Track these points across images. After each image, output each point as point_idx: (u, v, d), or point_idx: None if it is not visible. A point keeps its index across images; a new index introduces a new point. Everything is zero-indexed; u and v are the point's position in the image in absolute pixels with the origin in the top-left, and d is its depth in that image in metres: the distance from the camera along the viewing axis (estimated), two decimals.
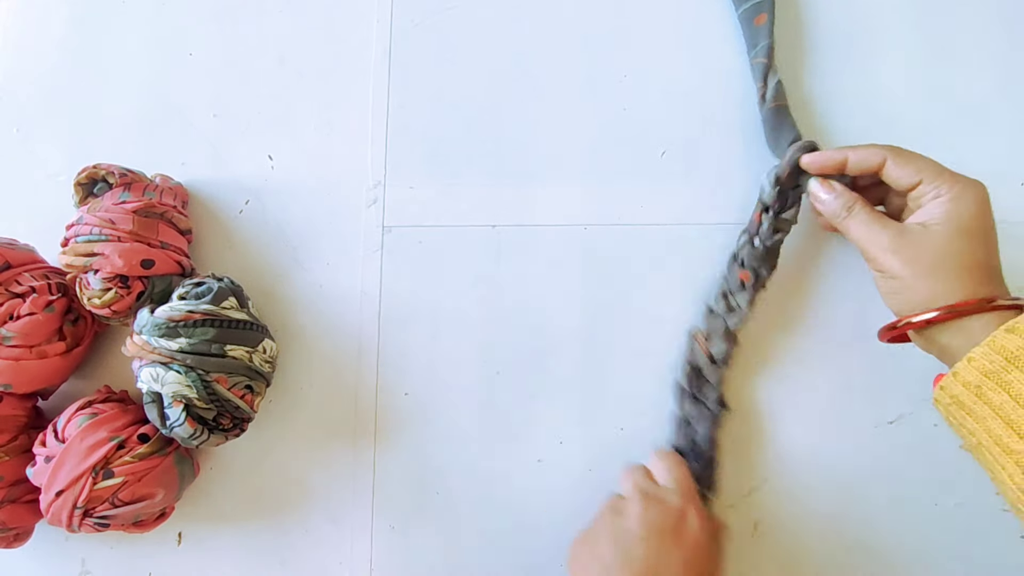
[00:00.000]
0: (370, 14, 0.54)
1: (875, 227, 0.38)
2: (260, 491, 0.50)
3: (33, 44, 0.57)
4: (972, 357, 0.33)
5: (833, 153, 0.41)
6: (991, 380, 0.32)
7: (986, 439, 0.32)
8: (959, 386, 0.33)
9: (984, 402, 0.32)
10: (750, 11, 0.47)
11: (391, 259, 0.51)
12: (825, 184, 0.42)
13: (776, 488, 0.47)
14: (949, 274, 0.36)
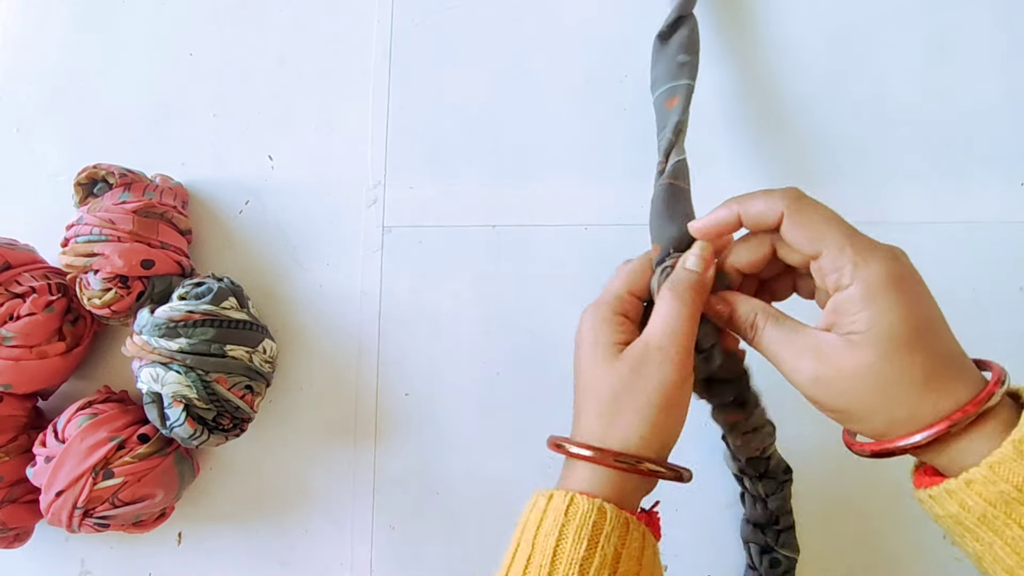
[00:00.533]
0: (370, 14, 0.54)
1: (790, 351, 0.30)
2: (260, 491, 0.50)
3: (33, 44, 0.57)
4: (971, 480, 0.26)
5: (722, 212, 0.32)
6: (998, 510, 0.26)
7: (990, 561, 0.27)
8: (956, 506, 0.27)
9: (991, 529, 0.26)
10: (664, 95, 0.42)
11: (391, 259, 0.51)
12: (718, 298, 0.33)
13: None
14: (900, 398, 0.28)
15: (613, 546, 0.29)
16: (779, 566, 0.44)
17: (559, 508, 0.29)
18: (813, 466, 0.48)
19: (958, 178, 0.49)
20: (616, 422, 0.31)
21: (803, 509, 0.46)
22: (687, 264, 0.33)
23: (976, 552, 0.28)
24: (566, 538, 0.29)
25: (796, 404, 0.34)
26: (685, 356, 0.31)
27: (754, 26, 0.52)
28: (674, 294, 0.32)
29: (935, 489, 0.28)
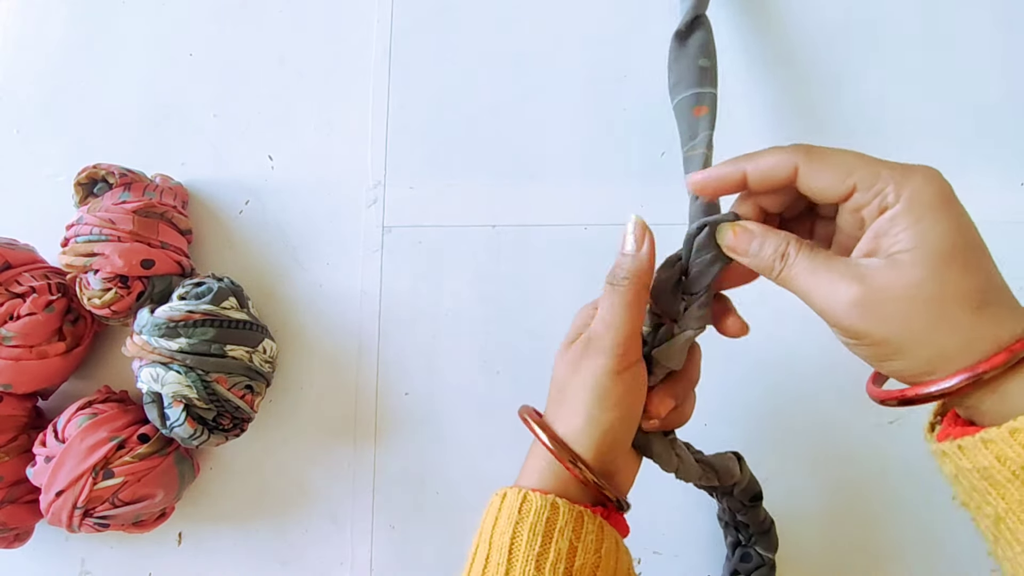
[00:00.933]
0: (370, 14, 0.54)
1: (826, 277, 0.27)
2: (260, 491, 0.50)
3: (33, 44, 0.57)
4: (1017, 429, 0.24)
5: (725, 168, 0.30)
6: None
7: (1013, 521, 0.25)
8: (991, 457, 0.25)
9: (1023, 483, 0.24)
10: (689, 100, 0.41)
11: (391, 259, 0.51)
12: (740, 229, 0.30)
13: (775, 488, 0.47)
14: (953, 321, 0.25)
15: (568, 540, 0.29)
16: (750, 560, 0.44)
17: (513, 506, 0.30)
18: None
19: (957, 178, 0.48)
20: (560, 410, 0.32)
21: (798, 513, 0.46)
22: (624, 247, 0.32)
23: (997, 513, 0.26)
24: (520, 535, 0.29)
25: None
26: (622, 347, 0.31)
27: (752, 26, 0.52)
28: (610, 285, 0.32)
29: (968, 439, 0.25)
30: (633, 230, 0.32)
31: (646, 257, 0.32)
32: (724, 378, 0.48)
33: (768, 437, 0.48)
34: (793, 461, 0.47)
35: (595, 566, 0.29)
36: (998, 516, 0.26)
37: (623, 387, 0.31)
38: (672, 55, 0.43)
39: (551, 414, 0.33)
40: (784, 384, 0.48)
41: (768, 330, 0.48)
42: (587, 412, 0.31)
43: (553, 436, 0.31)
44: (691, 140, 0.39)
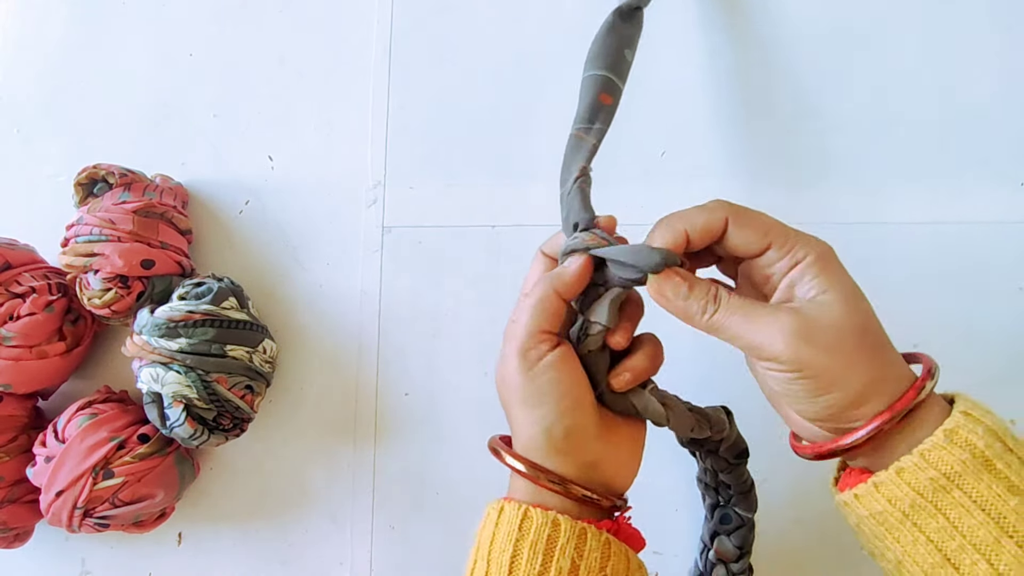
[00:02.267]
0: (370, 14, 0.54)
1: (760, 315, 0.29)
2: (260, 491, 0.50)
3: (33, 44, 0.57)
4: (902, 468, 0.27)
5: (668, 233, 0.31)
6: (925, 499, 0.26)
7: (910, 564, 0.27)
8: (883, 501, 0.27)
9: (914, 524, 0.27)
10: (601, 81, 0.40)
11: (391, 259, 0.51)
12: (666, 279, 0.31)
13: (775, 487, 0.47)
14: (877, 351, 0.28)
15: (569, 559, 0.29)
16: (729, 522, 0.44)
17: (512, 522, 0.29)
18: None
19: (956, 178, 0.49)
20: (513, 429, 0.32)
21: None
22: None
23: (896, 557, 0.28)
24: (521, 553, 0.29)
25: None
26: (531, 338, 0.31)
27: (749, 26, 0.52)
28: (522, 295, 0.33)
29: (863, 487, 0.28)
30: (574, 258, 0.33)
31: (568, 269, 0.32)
32: (724, 378, 0.48)
33: (768, 437, 0.48)
34: (792, 461, 0.47)
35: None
36: (898, 560, 0.28)
37: (550, 375, 0.31)
38: (605, 28, 0.42)
39: (512, 435, 0.32)
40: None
41: None
42: (532, 417, 0.30)
43: (530, 464, 0.30)
44: (588, 123, 0.40)
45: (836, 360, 0.27)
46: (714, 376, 0.48)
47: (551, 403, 0.30)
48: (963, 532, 0.26)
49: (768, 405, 0.48)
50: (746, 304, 0.29)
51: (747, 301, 0.30)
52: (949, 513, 0.26)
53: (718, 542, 0.44)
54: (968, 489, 0.26)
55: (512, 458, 0.31)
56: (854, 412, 0.28)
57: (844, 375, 0.28)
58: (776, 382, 0.29)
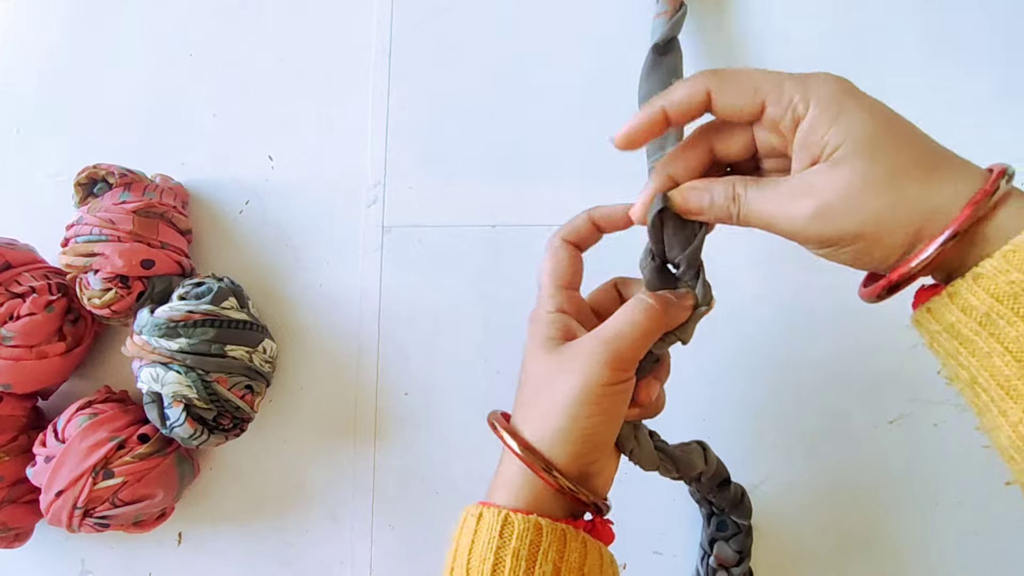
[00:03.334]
0: (370, 14, 0.54)
1: (779, 202, 0.27)
2: (260, 491, 0.50)
3: (33, 44, 0.57)
4: (980, 274, 0.24)
5: (643, 112, 0.30)
6: (1004, 306, 0.24)
7: (985, 378, 0.25)
8: (956, 311, 0.25)
9: (990, 334, 0.24)
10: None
11: (391, 259, 0.51)
12: (686, 189, 0.30)
13: (776, 487, 0.47)
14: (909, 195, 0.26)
15: (552, 562, 0.28)
16: (726, 529, 0.44)
17: (492, 528, 0.28)
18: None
19: None
20: (533, 412, 0.31)
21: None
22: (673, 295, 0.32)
23: (971, 375, 0.26)
24: (503, 562, 0.28)
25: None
26: (625, 360, 0.30)
27: (749, 26, 0.52)
28: (644, 305, 0.30)
29: (936, 299, 0.26)
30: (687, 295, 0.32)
31: (685, 315, 0.32)
32: (724, 378, 0.48)
33: (768, 437, 0.48)
34: (793, 461, 0.47)
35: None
36: (972, 379, 0.26)
37: (614, 399, 0.30)
38: (647, 67, 0.44)
39: (522, 416, 0.31)
40: (784, 384, 0.48)
41: (768, 330, 0.48)
42: (569, 415, 0.29)
43: (524, 444, 0.30)
44: (660, 151, 0.39)
45: (866, 222, 0.26)
46: (715, 373, 0.48)
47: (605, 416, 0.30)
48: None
49: (767, 404, 0.48)
50: (766, 191, 0.28)
51: (767, 187, 0.28)
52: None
53: (717, 548, 0.44)
54: None
55: (510, 436, 0.30)
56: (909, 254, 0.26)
57: (882, 233, 0.26)
58: (820, 254, 0.28)
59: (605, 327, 0.30)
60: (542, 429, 0.30)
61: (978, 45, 0.50)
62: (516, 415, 0.32)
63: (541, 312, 0.33)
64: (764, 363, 0.48)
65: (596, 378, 0.29)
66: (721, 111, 0.29)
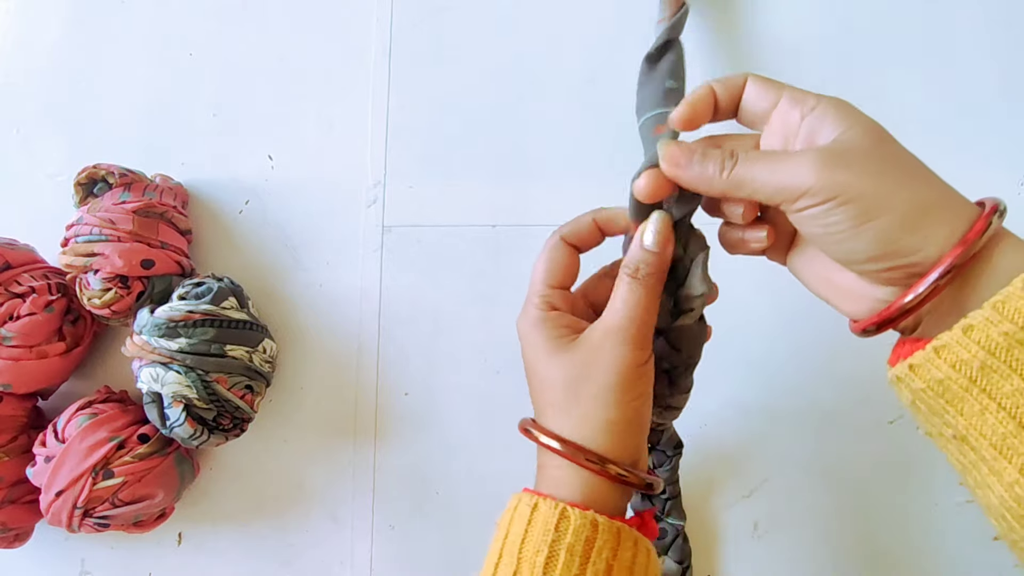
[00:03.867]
0: (370, 14, 0.54)
1: (785, 158, 0.27)
2: (260, 491, 0.50)
3: (33, 44, 0.57)
4: (971, 326, 0.23)
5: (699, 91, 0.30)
6: (998, 359, 0.22)
7: (975, 437, 0.24)
8: (945, 367, 0.24)
9: (982, 390, 0.23)
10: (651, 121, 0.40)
11: (391, 259, 0.51)
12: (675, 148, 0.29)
13: (776, 488, 0.47)
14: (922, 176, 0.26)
15: (605, 560, 0.28)
16: (665, 536, 0.45)
17: (548, 521, 0.28)
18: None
19: (956, 179, 0.49)
20: (575, 412, 0.30)
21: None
22: (645, 243, 0.31)
23: (959, 433, 0.24)
24: (557, 556, 0.28)
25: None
26: (644, 337, 0.30)
27: (749, 26, 0.52)
28: (632, 278, 0.30)
29: (920, 354, 0.25)
30: (659, 228, 0.31)
31: (668, 254, 0.31)
32: (723, 378, 0.48)
33: (768, 437, 0.48)
34: (793, 461, 0.47)
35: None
36: (960, 437, 0.24)
37: (647, 377, 0.31)
38: (641, 78, 0.43)
39: (554, 418, 0.31)
40: (784, 384, 0.48)
41: (768, 330, 0.48)
42: (614, 402, 0.29)
43: (568, 443, 0.30)
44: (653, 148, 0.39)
45: (873, 180, 0.25)
46: (714, 374, 0.48)
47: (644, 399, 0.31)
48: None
49: (767, 405, 0.48)
50: (766, 153, 0.28)
51: (766, 151, 0.28)
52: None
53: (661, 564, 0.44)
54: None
55: (547, 437, 0.30)
56: (911, 239, 0.25)
57: (887, 195, 0.25)
58: (816, 224, 0.26)
59: (613, 312, 0.30)
60: (590, 425, 0.30)
61: (980, 45, 0.50)
62: (547, 418, 0.32)
63: (532, 313, 0.33)
64: (764, 363, 0.48)
65: (627, 361, 0.29)
66: (746, 100, 0.30)
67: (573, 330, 0.32)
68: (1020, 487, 0.23)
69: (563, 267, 0.34)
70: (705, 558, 0.47)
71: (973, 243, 0.24)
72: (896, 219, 0.25)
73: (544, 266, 0.34)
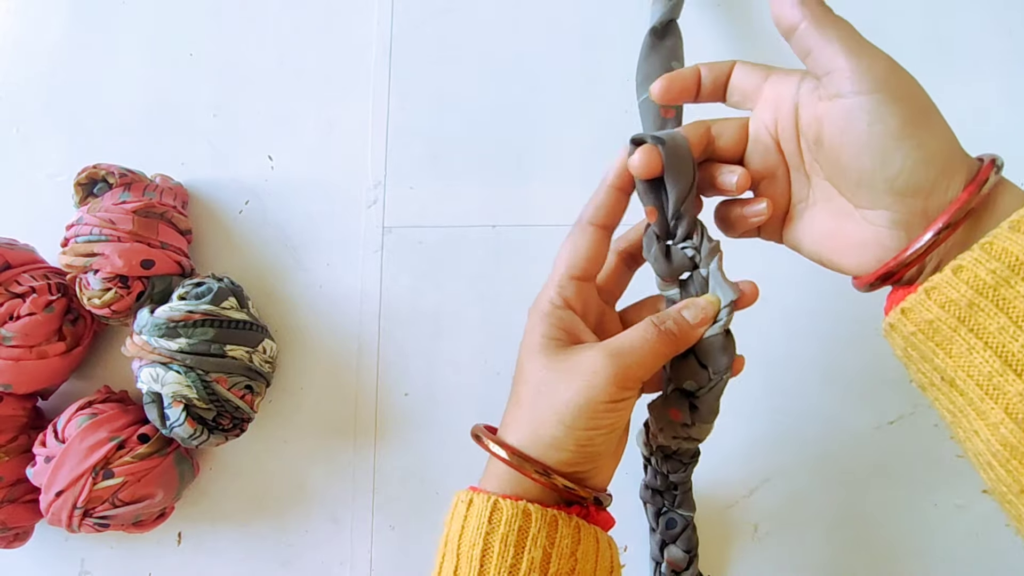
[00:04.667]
0: (370, 14, 0.54)
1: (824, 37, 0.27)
2: (260, 491, 0.50)
3: (33, 44, 0.57)
4: (960, 266, 0.23)
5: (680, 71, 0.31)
6: (985, 297, 0.23)
7: (963, 379, 0.24)
8: (935, 308, 0.24)
9: (970, 329, 0.23)
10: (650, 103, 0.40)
11: (391, 259, 0.51)
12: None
13: (776, 488, 0.47)
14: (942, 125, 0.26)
15: (541, 548, 0.28)
16: (675, 526, 0.44)
17: (482, 514, 0.28)
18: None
19: None
20: (533, 416, 0.30)
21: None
22: (685, 312, 0.30)
23: (948, 376, 0.24)
24: (492, 546, 0.28)
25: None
26: (631, 380, 0.29)
27: (749, 26, 0.52)
28: (656, 328, 0.30)
29: (912, 297, 0.25)
30: (704, 307, 0.31)
31: (698, 335, 0.31)
32: None
33: (768, 437, 0.48)
34: (793, 461, 0.47)
35: (571, 570, 0.28)
36: (948, 380, 0.24)
37: (616, 414, 0.29)
38: (645, 51, 0.43)
39: (515, 415, 0.31)
40: (784, 384, 0.48)
41: (768, 329, 0.48)
42: (566, 425, 0.29)
43: (513, 451, 0.29)
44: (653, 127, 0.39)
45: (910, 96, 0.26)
46: None
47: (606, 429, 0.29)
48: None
49: (767, 405, 0.48)
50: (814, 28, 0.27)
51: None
52: (1012, 310, 0.22)
53: (667, 552, 0.45)
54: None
55: (495, 445, 0.30)
56: (932, 179, 0.25)
57: (924, 118, 0.25)
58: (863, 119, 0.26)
59: (615, 340, 0.30)
60: (538, 433, 0.29)
61: (979, 47, 0.50)
62: (509, 412, 0.32)
63: (544, 303, 0.32)
64: (764, 363, 0.48)
65: (599, 394, 0.28)
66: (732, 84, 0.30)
67: (574, 337, 0.31)
68: (1006, 427, 0.23)
69: (588, 254, 0.32)
70: (705, 558, 0.47)
71: (974, 196, 0.24)
72: (926, 150, 0.25)
73: (567, 253, 0.32)
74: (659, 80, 0.31)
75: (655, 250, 0.32)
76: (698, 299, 0.31)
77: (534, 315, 0.32)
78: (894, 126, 0.25)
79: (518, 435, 0.30)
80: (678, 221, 0.31)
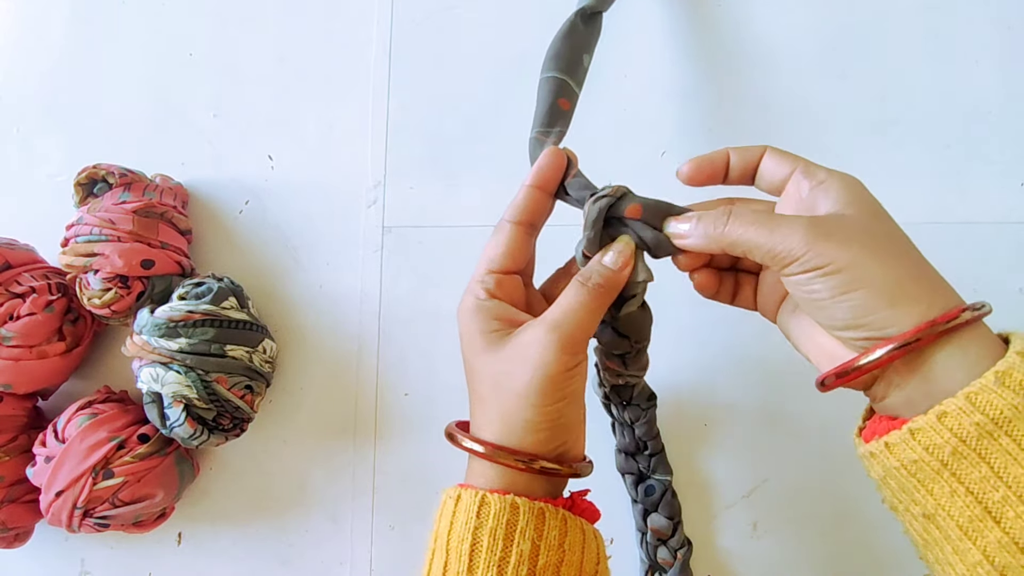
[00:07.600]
0: (370, 14, 0.54)
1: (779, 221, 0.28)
2: (260, 491, 0.50)
3: (33, 44, 0.57)
4: (945, 412, 0.24)
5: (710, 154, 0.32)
6: (968, 447, 0.24)
7: (943, 517, 0.25)
8: (920, 449, 0.25)
9: (953, 474, 0.24)
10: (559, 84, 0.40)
11: (391, 259, 0.51)
12: (679, 218, 0.31)
13: (776, 488, 0.47)
14: (911, 257, 0.27)
15: (529, 540, 0.28)
16: (654, 492, 0.45)
17: (470, 509, 0.29)
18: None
19: (957, 178, 0.49)
20: (499, 408, 0.30)
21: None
22: (605, 259, 0.31)
23: (927, 511, 0.25)
24: (480, 541, 0.28)
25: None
26: (577, 342, 0.30)
27: (750, 26, 0.52)
28: (583, 286, 0.30)
29: (896, 434, 0.26)
30: (622, 249, 0.32)
31: (624, 277, 0.31)
32: (723, 379, 0.48)
33: (768, 438, 0.48)
34: (792, 461, 0.47)
35: (559, 562, 0.29)
36: (927, 515, 0.26)
37: (575, 379, 0.30)
38: (566, 29, 0.42)
39: (482, 414, 0.31)
40: (785, 385, 0.48)
41: (767, 330, 0.48)
42: (533, 405, 0.29)
43: (492, 446, 0.30)
44: (547, 127, 0.39)
45: (861, 254, 0.26)
46: (715, 374, 0.48)
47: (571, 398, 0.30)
48: (1008, 482, 0.23)
49: (767, 405, 0.48)
50: (761, 214, 0.28)
51: (763, 213, 0.29)
52: (994, 461, 0.24)
53: (651, 521, 0.45)
54: (1018, 436, 0.23)
55: (470, 441, 0.31)
56: (887, 313, 0.26)
57: (872, 270, 0.26)
58: (800, 289, 0.28)
59: (552, 312, 0.30)
60: (510, 422, 0.30)
61: (979, 46, 0.50)
62: (476, 410, 0.32)
63: (470, 301, 0.32)
64: (764, 363, 0.48)
65: (554, 366, 0.29)
66: (762, 168, 0.32)
67: (510, 323, 0.31)
68: (983, 568, 0.24)
69: (506, 250, 0.33)
70: (704, 558, 0.47)
71: (937, 325, 0.25)
72: (873, 293, 0.26)
73: (488, 250, 0.33)
74: (688, 163, 0.32)
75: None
76: (612, 244, 0.32)
77: (464, 315, 0.32)
78: (827, 295, 0.27)
79: (491, 429, 0.31)
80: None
